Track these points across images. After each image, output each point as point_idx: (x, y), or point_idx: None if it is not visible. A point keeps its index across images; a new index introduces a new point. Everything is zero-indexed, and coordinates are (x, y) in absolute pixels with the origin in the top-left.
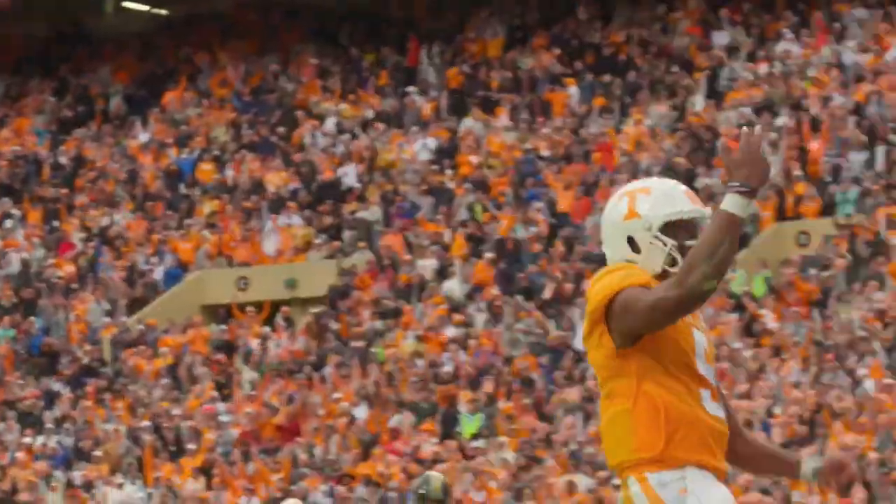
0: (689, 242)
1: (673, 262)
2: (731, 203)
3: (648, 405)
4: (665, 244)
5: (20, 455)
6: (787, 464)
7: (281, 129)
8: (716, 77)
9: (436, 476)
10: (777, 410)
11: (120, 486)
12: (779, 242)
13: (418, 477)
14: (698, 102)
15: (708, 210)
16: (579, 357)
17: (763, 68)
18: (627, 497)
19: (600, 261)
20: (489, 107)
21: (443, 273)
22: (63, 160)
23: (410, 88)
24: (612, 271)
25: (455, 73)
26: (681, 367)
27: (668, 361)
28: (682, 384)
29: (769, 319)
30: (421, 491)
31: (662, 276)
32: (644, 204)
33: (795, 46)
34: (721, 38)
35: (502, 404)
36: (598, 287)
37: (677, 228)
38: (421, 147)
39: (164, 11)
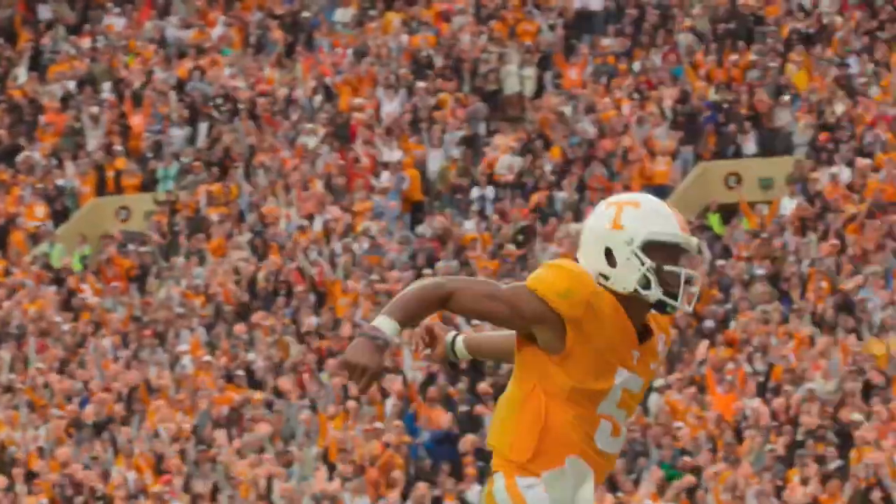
0: (667, 267)
1: (647, 284)
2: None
3: (535, 414)
4: (643, 263)
5: None
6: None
7: None
8: (39, 50)
9: None
10: (95, 386)
11: None
12: (98, 217)
13: None
14: (21, 75)
15: (694, 240)
16: None
17: (86, 42)
18: (489, 492)
19: None
20: None
21: None
22: None
23: None
24: (561, 267)
25: None
26: (584, 398)
27: (573, 389)
28: (582, 409)
29: (88, 294)
30: None
31: (632, 296)
32: (630, 217)
33: (119, 21)
34: (45, 11)
35: None
36: (535, 274)
37: (658, 250)
38: None
39: None
